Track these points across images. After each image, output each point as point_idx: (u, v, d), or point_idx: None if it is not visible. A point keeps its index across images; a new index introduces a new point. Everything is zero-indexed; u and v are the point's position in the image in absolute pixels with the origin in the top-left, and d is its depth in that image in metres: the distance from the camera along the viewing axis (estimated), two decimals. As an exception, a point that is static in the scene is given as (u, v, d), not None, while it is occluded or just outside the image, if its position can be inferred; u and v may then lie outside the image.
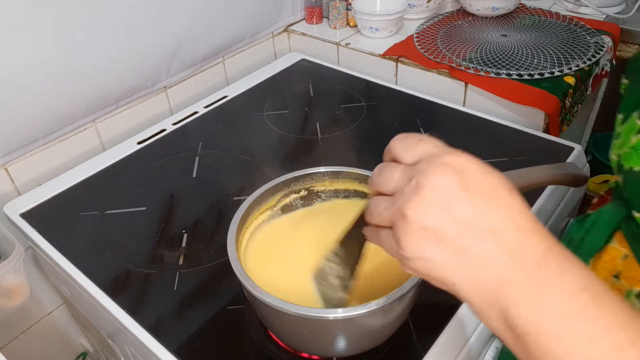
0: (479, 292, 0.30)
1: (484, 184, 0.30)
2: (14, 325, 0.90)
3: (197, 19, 0.97)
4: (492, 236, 0.29)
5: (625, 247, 0.41)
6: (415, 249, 0.30)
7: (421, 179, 0.30)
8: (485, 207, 0.29)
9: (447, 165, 0.30)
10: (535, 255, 0.29)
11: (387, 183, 0.33)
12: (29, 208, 0.76)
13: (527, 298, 0.29)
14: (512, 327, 0.29)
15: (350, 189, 0.60)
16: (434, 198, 0.30)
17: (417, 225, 0.30)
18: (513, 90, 0.89)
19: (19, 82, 0.75)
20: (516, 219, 0.30)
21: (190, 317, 0.59)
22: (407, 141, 0.33)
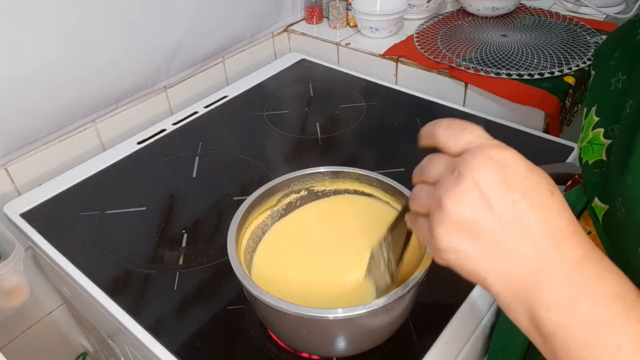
0: (509, 290, 0.30)
1: (526, 181, 0.30)
2: (14, 325, 0.90)
3: (197, 19, 0.97)
4: (528, 236, 0.29)
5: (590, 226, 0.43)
6: (449, 240, 0.30)
7: (463, 171, 0.30)
8: (525, 205, 0.29)
9: (490, 159, 0.30)
10: (570, 260, 0.29)
11: (431, 172, 0.33)
12: (29, 208, 0.76)
13: (558, 302, 0.29)
14: (540, 328, 0.29)
15: (351, 189, 0.60)
16: (473, 191, 0.29)
17: (452, 216, 0.30)
18: (513, 90, 0.89)
19: (19, 82, 0.75)
20: (555, 221, 0.29)
21: (190, 317, 0.59)
22: (451, 129, 0.33)
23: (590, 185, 0.41)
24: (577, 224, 0.30)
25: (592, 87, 0.46)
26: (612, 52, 0.44)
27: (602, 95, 0.43)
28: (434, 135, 0.34)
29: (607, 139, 0.41)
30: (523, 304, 0.30)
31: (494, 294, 0.31)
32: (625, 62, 0.42)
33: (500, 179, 0.29)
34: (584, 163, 0.43)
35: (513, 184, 0.29)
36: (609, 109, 0.42)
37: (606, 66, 0.44)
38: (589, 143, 0.43)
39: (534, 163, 0.31)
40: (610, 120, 0.41)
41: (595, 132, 0.42)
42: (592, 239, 0.41)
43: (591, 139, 0.42)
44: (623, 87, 0.41)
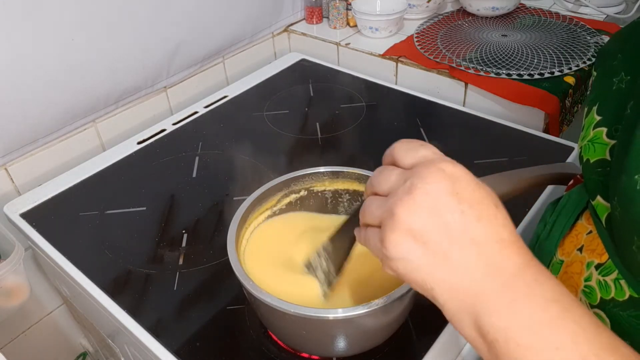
0: (455, 299, 0.31)
1: (474, 194, 0.31)
2: (14, 325, 0.90)
3: (197, 19, 0.97)
4: (474, 245, 0.30)
5: (591, 225, 0.43)
6: (399, 248, 0.31)
7: (415, 181, 0.31)
8: (472, 216, 0.30)
9: (443, 171, 0.31)
10: (511, 267, 0.30)
11: (383, 184, 0.34)
12: (29, 208, 0.76)
13: (499, 306, 0.30)
14: (484, 335, 0.30)
15: (350, 189, 0.60)
16: (424, 200, 0.30)
17: (404, 225, 0.31)
18: (513, 90, 0.89)
19: (19, 82, 0.75)
20: (499, 232, 0.31)
21: (190, 317, 0.59)
22: (409, 144, 0.34)
23: (592, 183, 0.42)
24: (518, 235, 0.32)
25: (594, 87, 0.46)
26: (615, 52, 0.44)
27: (604, 95, 0.43)
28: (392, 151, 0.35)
29: (610, 138, 0.41)
30: (467, 312, 0.31)
31: (440, 304, 0.32)
32: (629, 63, 0.42)
33: (451, 189, 0.30)
34: (584, 161, 0.43)
35: (462, 195, 0.31)
36: (611, 108, 0.42)
37: (609, 66, 0.44)
38: (589, 142, 0.43)
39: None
40: (613, 121, 0.41)
41: (597, 131, 0.42)
42: (593, 239, 0.42)
43: (592, 138, 0.42)
44: (626, 87, 0.41)
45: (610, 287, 0.38)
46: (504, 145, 0.82)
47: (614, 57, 0.44)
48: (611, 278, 0.38)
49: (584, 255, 0.42)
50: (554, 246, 0.46)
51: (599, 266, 0.39)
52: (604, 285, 0.38)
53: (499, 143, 0.83)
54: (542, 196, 0.71)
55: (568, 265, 0.44)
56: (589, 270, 0.41)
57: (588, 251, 0.42)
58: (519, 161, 0.78)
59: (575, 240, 0.44)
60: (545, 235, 0.47)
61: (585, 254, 0.42)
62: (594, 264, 0.40)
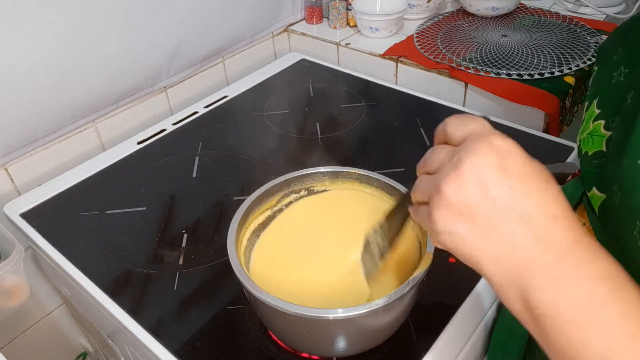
0: (502, 273, 0.31)
1: (523, 169, 0.30)
2: (14, 325, 0.90)
3: (197, 19, 0.97)
4: (523, 220, 0.30)
5: (584, 217, 0.44)
6: (445, 222, 0.31)
7: (462, 156, 0.31)
8: (521, 191, 0.30)
9: (491, 145, 0.31)
10: (562, 243, 0.30)
11: (433, 161, 0.34)
12: (29, 208, 0.76)
13: (549, 282, 0.29)
14: (531, 309, 0.30)
15: (351, 188, 0.60)
16: (471, 175, 0.30)
17: (450, 199, 0.31)
18: (513, 90, 0.89)
19: (19, 82, 0.75)
20: (549, 207, 0.30)
21: (190, 317, 0.59)
22: (459, 120, 0.34)
23: (588, 175, 0.42)
24: (572, 210, 0.31)
25: (594, 82, 0.47)
26: (614, 48, 0.45)
27: (604, 89, 0.44)
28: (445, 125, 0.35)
29: (607, 130, 0.41)
30: (515, 286, 0.30)
31: (488, 276, 0.32)
32: (627, 56, 0.42)
33: (499, 164, 0.30)
34: (583, 154, 0.43)
35: (510, 170, 0.30)
36: (610, 101, 0.42)
37: (609, 61, 0.44)
38: (589, 135, 0.43)
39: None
40: (611, 113, 0.42)
41: (596, 124, 0.43)
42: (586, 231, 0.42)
43: (591, 131, 0.43)
44: (625, 80, 0.41)
45: None
46: (504, 145, 0.82)
47: (613, 52, 0.44)
48: None
49: None
50: None
51: None
52: None
53: (499, 143, 0.83)
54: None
55: None
56: None
57: None
58: (519, 161, 0.78)
59: None
60: None
61: None
62: None
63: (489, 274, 0.31)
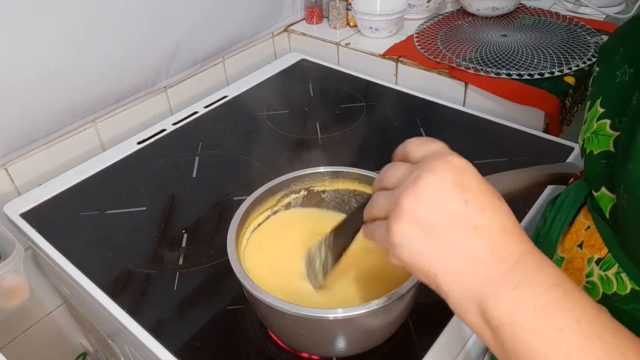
0: (459, 285, 0.31)
1: (478, 186, 0.32)
2: (14, 325, 0.90)
3: (197, 19, 0.97)
4: (478, 233, 0.31)
5: (589, 220, 0.43)
6: (403, 235, 0.32)
7: (421, 172, 0.32)
8: (475, 205, 0.31)
9: (449, 162, 0.32)
10: (514, 254, 0.31)
11: (390, 177, 0.35)
12: (29, 208, 0.76)
13: (504, 291, 0.30)
14: (489, 320, 0.31)
15: (350, 189, 0.60)
16: (430, 189, 0.32)
17: (409, 213, 0.32)
18: (513, 90, 0.89)
19: (19, 82, 0.75)
20: (501, 221, 0.32)
21: (190, 317, 0.59)
22: (420, 141, 0.36)
23: (595, 175, 0.42)
24: (520, 226, 0.33)
25: (596, 82, 0.47)
26: (617, 47, 0.44)
27: (607, 88, 0.44)
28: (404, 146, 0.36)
29: (614, 130, 0.41)
30: (472, 298, 0.31)
31: (444, 291, 0.32)
32: (631, 55, 0.42)
33: (456, 180, 0.32)
34: (587, 153, 0.43)
35: (467, 186, 0.32)
36: (614, 100, 0.42)
37: (611, 61, 0.44)
38: (593, 134, 0.43)
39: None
40: (617, 113, 0.41)
41: (600, 123, 0.42)
42: (591, 234, 0.42)
43: (596, 130, 0.43)
44: (630, 79, 0.41)
45: (612, 282, 0.38)
46: (504, 145, 0.82)
47: (615, 51, 0.44)
48: (612, 272, 0.38)
49: (585, 251, 0.42)
50: (554, 243, 0.46)
51: (599, 261, 0.40)
52: (605, 280, 0.39)
53: (499, 143, 0.83)
54: (542, 196, 0.71)
55: (569, 262, 0.44)
56: (590, 265, 0.41)
57: (588, 247, 0.42)
58: (519, 161, 0.78)
59: (575, 236, 0.44)
60: (545, 232, 0.47)
61: (586, 250, 0.42)
62: (595, 259, 0.40)
63: (446, 287, 0.32)
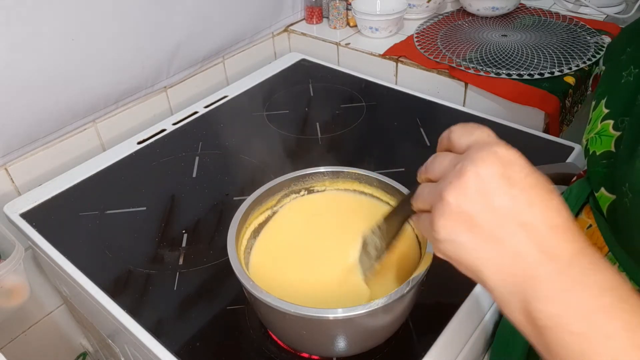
0: (504, 283, 0.30)
1: (527, 179, 0.30)
2: (14, 325, 0.90)
3: (197, 19, 0.97)
4: (525, 230, 0.30)
5: (590, 219, 0.43)
6: (448, 231, 0.31)
7: (466, 164, 0.31)
8: (523, 201, 0.30)
9: (495, 154, 0.31)
10: (565, 254, 0.30)
11: (436, 169, 0.34)
12: (29, 208, 0.76)
13: (551, 293, 0.29)
14: (534, 320, 0.30)
15: (350, 189, 0.60)
16: (474, 184, 0.30)
17: (453, 208, 0.30)
18: (513, 90, 0.89)
19: (19, 83, 0.75)
20: (552, 217, 0.30)
21: (190, 317, 0.59)
22: (465, 128, 0.34)
23: (596, 175, 0.42)
24: (574, 221, 0.31)
25: (602, 81, 0.46)
26: (623, 47, 0.44)
27: (613, 88, 0.44)
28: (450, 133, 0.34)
29: (617, 131, 0.41)
30: (517, 296, 0.30)
31: (489, 287, 0.31)
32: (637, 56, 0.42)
33: (502, 173, 0.30)
34: (590, 154, 0.43)
35: (514, 179, 0.30)
36: (619, 101, 0.42)
37: (617, 61, 0.44)
38: (597, 134, 0.43)
39: (534, 163, 0.32)
40: (620, 113, 0.41)
41: (605, 123, 0.42)
42: (593, 233, 0.42)
43: (600, 131, 0.43)
44: (635, 80, 0.41)
45: None
46: (504, 145, 0.82)
47: (622, 51, 0.44)
48: None
49: None
50: None
51: None
52: None
53: (499, 143, 0.83)
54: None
55: None
56: None
57: None
58: (519, 161, 0.78)
59: None
60: None
61: None
62: None
63: (490, 284, 0.31)
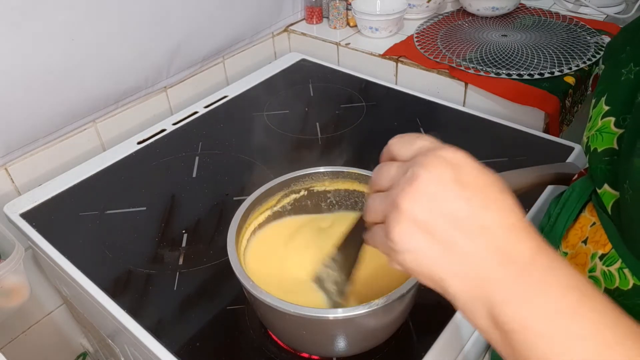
0: (467, 289, 0.30)
1: (478, 180, 0.30)
2: (14, 325, 0.90)
3: (197, 19, 0.97)
4: (482, 233, 0.29)
5: (594, 216, 0.43)
6: (404, 239, 0.30)
7: (416, 170, 0.30)
8: (478, 203, 0.29)
9: (443, 158, 0.30)
10: (525, 254, 0.29)
11: (384, 178, 0.33)
12: (29, 208, 0.76)
13: (516, 295, 0.28)
14: (499, 325, 0.29)
15: (350, 189, 0.60)
16: (427, 189, 0.29)
17: (408, 215, 0.30)
18: (513, 90, 0.89)
19: (20, 82, 0.75)
20: (507, 218, 0.30)
21: (190, 317, 0.59)
22: (404, 139, 0.34)
23: (598, 172, 0.42)
24: (528, 221, 0.30)
25: (602, 79, 0.47)
26: (623, 45, 0.45)
27: (613, 86, 0.44)
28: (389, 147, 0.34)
29: (618, 128, 0.41)
30: (481, 301, 0.29)
31: (452, 295, 0.30)
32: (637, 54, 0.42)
33: (454, 177, 0.30)
34: (592, 151, 0.43)
35: (466, 182, 0.30)
36: (619, 98, 0.42)
37: (617, 59, 0.44)
38: (597, 131, 0.43)
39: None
40: (621, 110, 0.41)
41: (605, 120, 0.43)
42: (596, 230, 0.42)
43: (600, 127, 0.43)
44: (635, 77, 0.41)
45: (614, 277, 0.38)
46: (504, 145, 0.82)
47: (622, 49, 0.44)
48: (615, 267, 0.38)
49: (589, 247, 0.42)
50: (557, 239, 0.46)
51: (603, 256, 0.40)
52: (608, 275, 0.38)
53: (499, 143, 0.83)
54: (542, 196, 0.71)
55: (572, 257, 0.44)
56: (593, 261, 0.41)
57: (592, 243, 0.42)
58: (519, 161, 0.78)
59: (580, 232, 0.44)
60: (549, 229, 0.47)
61: (590, 246, 0.42)
62: (598, 254, 0.40)
63: (452, 291, 0.30)
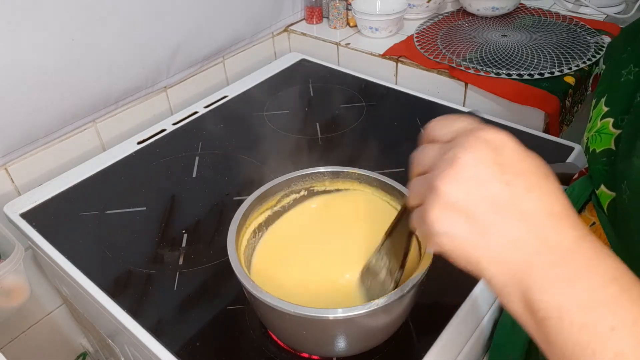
0: (502, 273, 0.29)
1: (520, 164, 0.29)
2: (14, 325, 0.90)
3: (197, 19, 0.97)
4: (523, 218, 0.29)
5: (594, 216, 0.43)
6: (442, 222, 0.29)
7: (457, 152, 0.29)
8: (519, 187, 0.29)
9: (485, 140, 0.29)
10: (565, 242, 0.28)
11: (424, 160, 0.32)
12: (29, 208, 0.76)
13: (552, 283, 0.28)
14: (534, 312, 0.29)
15: (350, 189, 0.60)
16: (467, 172, 0.29)
17: (446, 198, 0.29)
18: (513, 90, 0.89)
19: (20, 82, 0.75)
20: (549, 204, 0.29)
21: (190, 318, 0.59)
22: (444, 120, 0.33)
23: (596, 172, 0.42)
24: (572, 207, 0.30)
25: (602, 79, 0.47)
26: (624, 46, 0.45)
27: (613, 87, 0.44)
28: (428, 129, 0.33)
29: (616, 128, 0.41)
30: (517, 286, 0.29)
31: (487, 277, 0.30)
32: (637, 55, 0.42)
33: (495, 160, 0.29)
34: (591, 152, 0.43)
35: (507, 165, 0.29)
36: (618, 99, 0.42)
37: (618, 59, 0.44)
38: (597, 132, 0.43)
39: None
40: (620, 111, 0.41)
41: (604, 121, 0.43)
42: (596, 230, 0.42)
43: (599, 128, 0.43)
44: (635, 78, 0.41)
45: None
46: (504, 145, 0.82)
47: (623, 50, 0.44)
48: None
49: None
50: None
51: None
52: None
53: (499, 143, 0.83)
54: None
55: None
56: None
57: None
58: (519, 161, 0.78)
59: None
60: None
61: None
62: None
63: (489, 275, 0.30)
